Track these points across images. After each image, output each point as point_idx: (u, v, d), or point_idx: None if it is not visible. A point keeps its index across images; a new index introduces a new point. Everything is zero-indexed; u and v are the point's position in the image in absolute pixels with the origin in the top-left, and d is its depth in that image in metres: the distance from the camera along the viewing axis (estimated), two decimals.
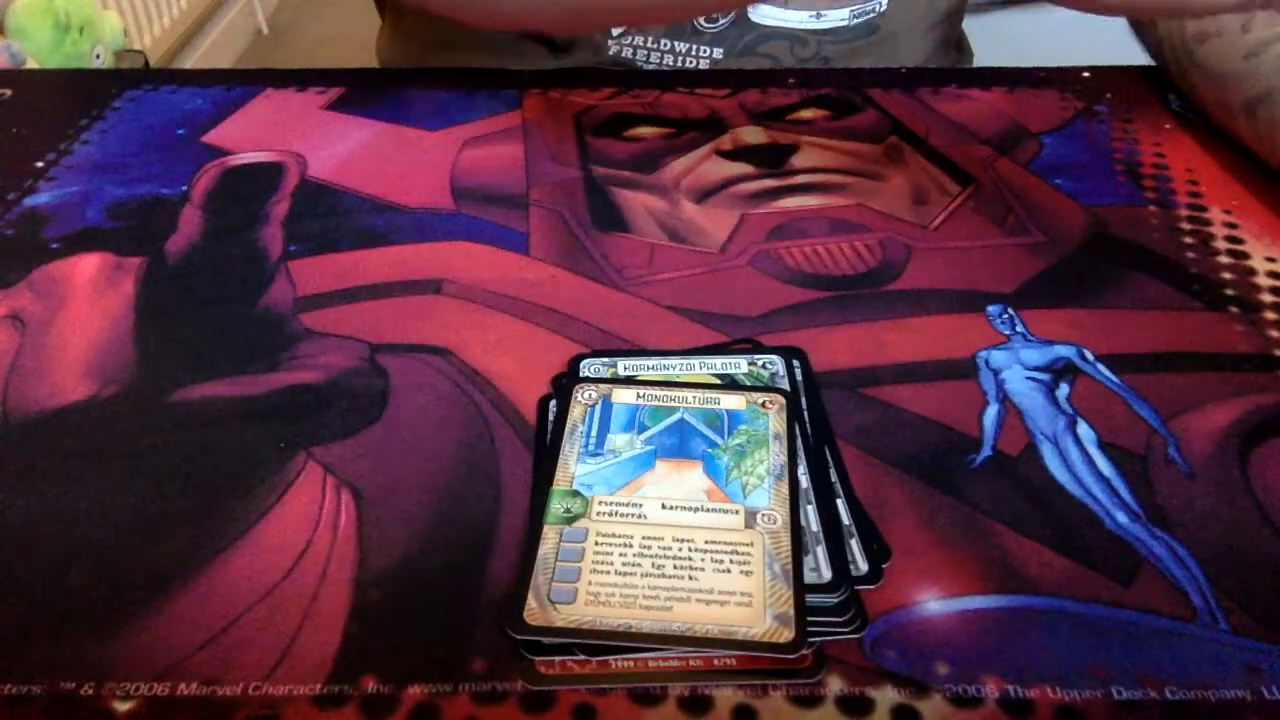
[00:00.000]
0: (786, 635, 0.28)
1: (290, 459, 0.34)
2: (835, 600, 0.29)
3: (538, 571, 0.30)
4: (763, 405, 0.35)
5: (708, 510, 0.31)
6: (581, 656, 0.28)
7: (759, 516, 0.31)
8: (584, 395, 0.35)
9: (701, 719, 0.27)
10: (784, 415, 0.35)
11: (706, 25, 0.59)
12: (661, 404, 0.35)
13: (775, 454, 0.33)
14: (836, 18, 0.60)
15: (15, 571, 0.31)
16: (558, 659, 0.28)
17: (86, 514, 0.33)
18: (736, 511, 0.31)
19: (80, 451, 0.35)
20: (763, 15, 0.59)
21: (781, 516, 0.31)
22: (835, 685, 0.28)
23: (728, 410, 0.35)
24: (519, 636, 0.28)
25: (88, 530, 0.32)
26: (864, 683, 0.28)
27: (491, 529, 0.32)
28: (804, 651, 0.28)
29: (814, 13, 0.59)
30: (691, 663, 0.28)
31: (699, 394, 0.35)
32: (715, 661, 0.28)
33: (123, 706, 0.28)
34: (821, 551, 0.30)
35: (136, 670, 0.28)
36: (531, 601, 0.29)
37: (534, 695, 0.28)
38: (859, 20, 0.60)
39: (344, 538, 0.32)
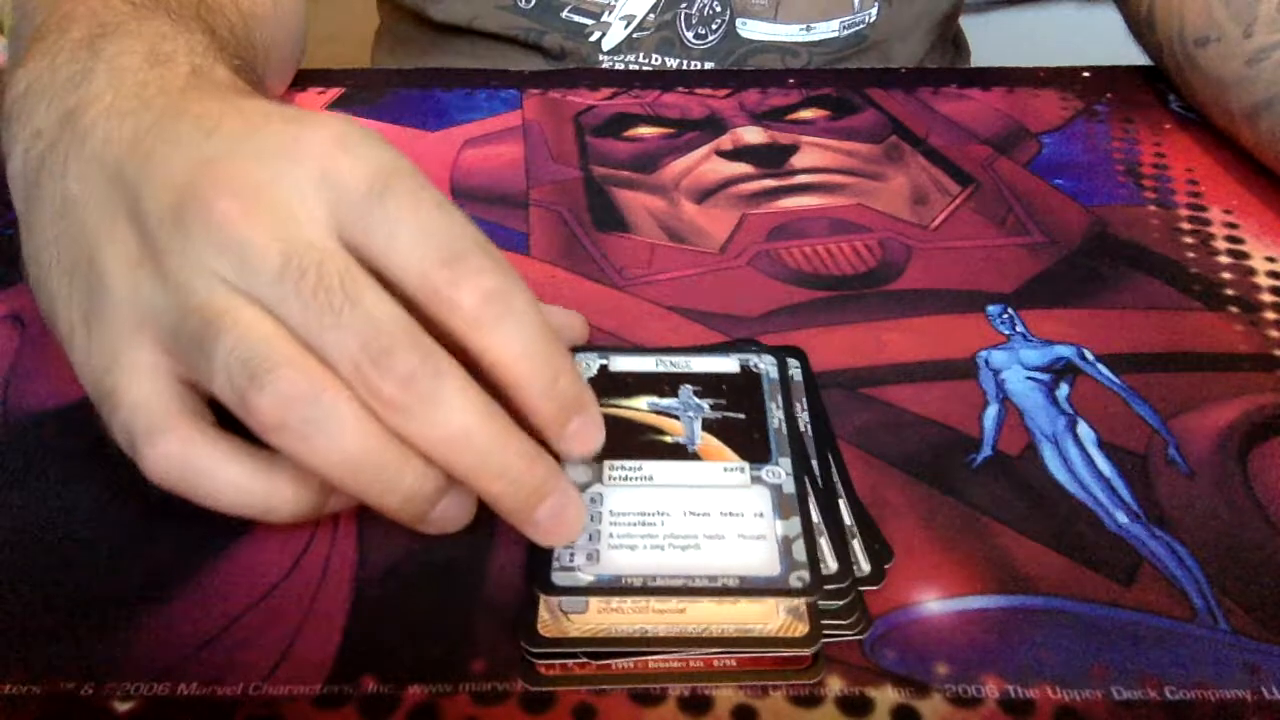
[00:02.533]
0: (801, 629, 0.28)
1: None
2: (840, 603, 0.29)
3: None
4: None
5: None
6: (584, 659, 0.28)
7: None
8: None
9: (701, 719, 0.27)
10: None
11: (695, 42, 0.59)
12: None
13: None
14: (826, 29, 0.60)
15: (15, 571, 0.31)
16: (558, 660, 0.28)
17: (86, 514, 0.33)
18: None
19: (80, 451, 0.35)
20: (752, 30, 0.59)
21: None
22: (835, 685, 0.28)
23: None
24: (535, 649, 0.28)
25: (88, 530, 0.32)
26: (864, 683, 0.28)
27: (491, 529, 0.32)
28: (819, 646, 0.28)
29: (804, 25, 0.60)
30: (691, 663, 0.28)
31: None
32: (715, 661, 0.28)
33: (123, 706, 0.28)
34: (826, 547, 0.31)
35: (136, 670, 0.28)
36: (544, 613, 0.29)
37: (534, 695, 0.28)
38: (849, 31, 0.60)
39: (344, 538, 0.32)
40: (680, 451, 0.33)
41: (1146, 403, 0.36)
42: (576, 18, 0.59)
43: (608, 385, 0.35)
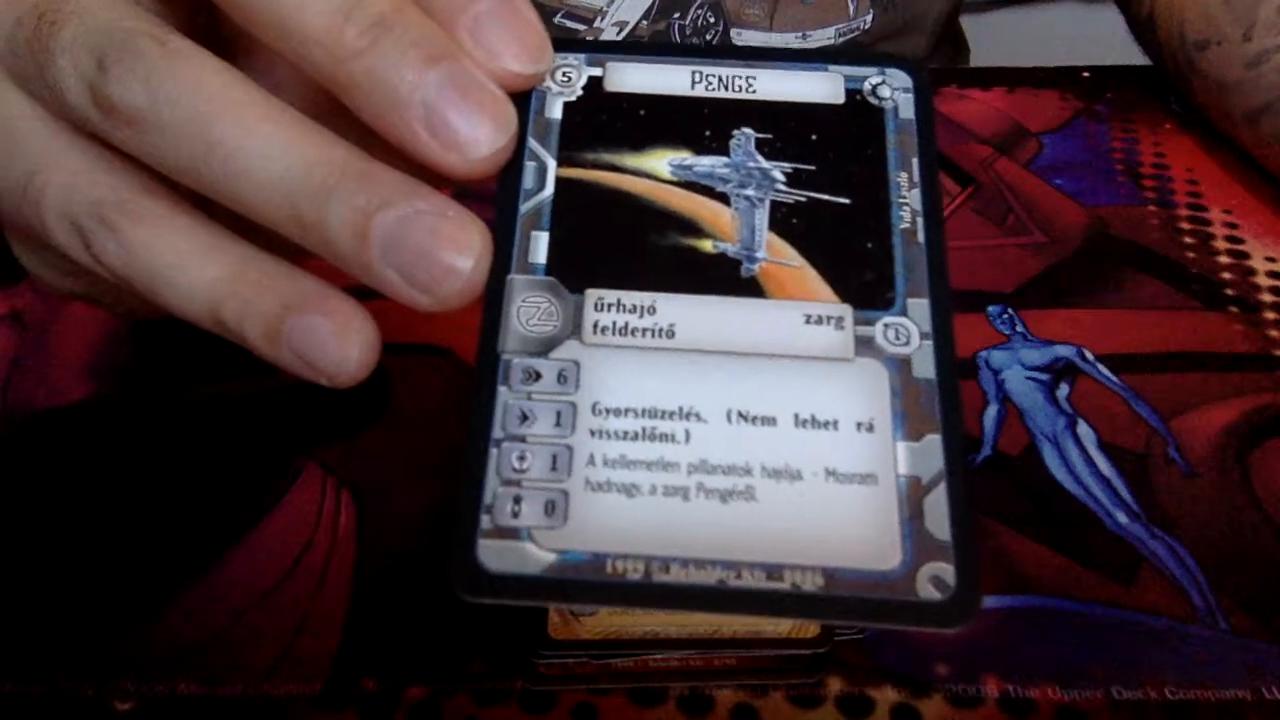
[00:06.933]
0: (812, 630, 0.26)
1: (290, 459, 0.34)
2: None
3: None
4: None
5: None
6: (584, 659, 0.28)
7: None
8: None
9: (701, 719, 0.27)
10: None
11: None
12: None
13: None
14: (822, 37, 0.60)
15: (15, 571, 0.31)
16: (558, 660, 0.28)
17: (87, 514, 0.33)
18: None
19: (80, 451, 0.35)
20: (748, 40, 0.59)
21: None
22: (835, 685, 0.28)
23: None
24: (546, 652, 0.28)
25: (88, 530, 0.32)
26: (864, 683, 0.28)
27: None
28: (830, 646, 0.26)
29: (799, 34, 0.59)
30: (691, 661, 0.28)
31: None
32: (715, 661, 0.28)
33: (123, 706, 0.28)
34: None
35: (136, 670, 0.28)
36: (554, 615, 0.28)
37: (534, 695, 0.28)
38: (844, 39, 0.60)
39: (344, 538, 0.32)
40: (727, 273, 0.19)
41: (1146, 403, 0.36)
42: (569, 23, 0.59)
43: (603, 119, 0.20)
